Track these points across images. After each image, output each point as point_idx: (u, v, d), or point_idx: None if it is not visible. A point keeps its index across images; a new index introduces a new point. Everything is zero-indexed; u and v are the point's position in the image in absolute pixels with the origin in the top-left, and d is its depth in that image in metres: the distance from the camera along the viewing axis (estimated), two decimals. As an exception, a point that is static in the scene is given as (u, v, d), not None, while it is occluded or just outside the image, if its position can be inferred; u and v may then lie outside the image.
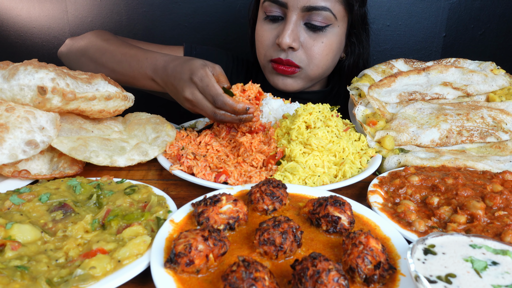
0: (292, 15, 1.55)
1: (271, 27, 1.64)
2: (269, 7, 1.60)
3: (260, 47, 1.69)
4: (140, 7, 2.44)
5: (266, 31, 1.65)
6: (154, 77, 1.42)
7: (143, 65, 1.46)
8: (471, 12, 2.41)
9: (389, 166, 1.23)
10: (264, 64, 1.73)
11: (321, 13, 1.54)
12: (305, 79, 1.70)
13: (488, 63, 1.63)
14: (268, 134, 1.29)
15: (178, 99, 1.34)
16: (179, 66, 1.31)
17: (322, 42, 1.60)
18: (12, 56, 1.72)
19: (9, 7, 2.47)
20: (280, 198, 0.91)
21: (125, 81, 1.53)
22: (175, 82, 1.30)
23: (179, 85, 1.28)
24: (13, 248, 0.73)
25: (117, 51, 1.57)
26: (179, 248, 0.69)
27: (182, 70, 1.28)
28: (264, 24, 1.66)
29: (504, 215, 0.87)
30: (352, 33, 1.73)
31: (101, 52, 1.59)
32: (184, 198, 1.05)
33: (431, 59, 1.88)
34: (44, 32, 2.52)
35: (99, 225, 0.85)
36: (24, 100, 1.11)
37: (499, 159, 1.20)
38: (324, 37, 1.60)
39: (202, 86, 1.21)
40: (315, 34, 1.59)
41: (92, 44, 1.65)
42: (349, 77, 1.80)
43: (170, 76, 1.33)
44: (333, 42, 1.63)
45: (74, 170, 1.15)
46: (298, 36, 1.58)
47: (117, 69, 1.54)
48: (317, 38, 1.59)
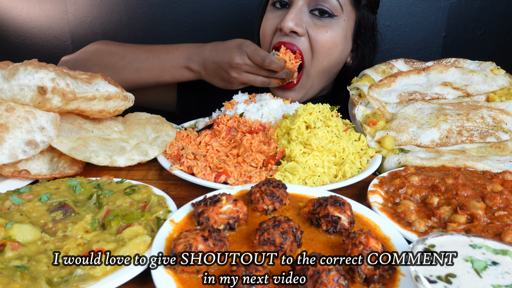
0: (298, 0, 1.54)
1: (276, 14, 1.62)
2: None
3: (263, 37, 1.66)
4: (140, 7, 2.44)
5: (269, 19, 1.63)
6: (189, 63, 1.54)
7: (174, 55, 1.56)
8: (471, 12, 2.41)
9: (389, 166, 1.23)
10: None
11: (328, 0, 1.53)
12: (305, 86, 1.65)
13: (488, 63, 1.63)
14: (268, 134, 1.29)
15: (218, 75, 1.51)
16: (220, 45, 1.51)
17: (326, 32, 1.55)
18: (12, 56, 1.72)
19: (9, 7, 2.47)
20: (280, 198, 0.91)
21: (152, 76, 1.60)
22: (218, 58, 1.47)
23: (226, 56, 1.45)
24: (13, 248, 0.73)
25: (138, 50, 1.63)
26: (179, 248, 0.69)
27: (226, 45, 1.47)
28: (269, 12, 1.65)
29: (504, 215, 0.87)
30: (360, 33, 1.69)
31: (120, 56, 1.63)
32: (184, 198, 1.05)
33: (431, 59, 1.88)
34: (44, 32, 2.52)
35: (99, 225, 0.85)
36: (24, 100, 1.11)
37: (499, 159, 1.20)
38: (329, 27, 1.55)
39: (251, 51, 1.41)
40: (320, 22, 1.55)
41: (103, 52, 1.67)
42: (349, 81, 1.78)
43: (210, 56, 1.50)
44: (338, 35, 1.58)
45: (74, 170, 1.14)
46: (302, 21, 1.54)
47: (142, 66, 1.59)
48: (322, 27, 1.55)
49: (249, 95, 1.53)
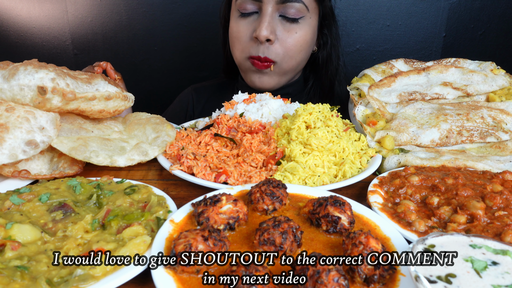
0: (268, 8, 1.60)
1: (246, 22, 1.68)
2: (244, 4, 1.64)
3: (237, 43, 1.72)
4: (140, 7, 2.44)
5: (241, 27, 1.69)
6: None
7: None
8: (471, 12, 2.41)
9: (389, 166, 1.23)
10: (241, 62, 1.75)
11: (295, 5, 1.61)
12: (280, 74, 1.74)
13: (488, 63, 1.63)
14: (268, 134, 1.28)
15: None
16: None
17: (296, 33, 1.65)
18: (12, 56, 1.72)
19: (9, 7, 2.47)
20: (280, 198, 0.91)
21: None
22: None
23: None
24: (13, 248, 0.73)
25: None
26: (179, 248, 0.69)
27: None
28: (239, 20, 1.70)
29: (504, 215, 0.87)
30: (324, 24, 1.80)
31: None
32: (184, 198, 1.05)
33: (431, 59, 1.88)
34: (44, 32, 2.52)
35: (99, 225, 0.84)
36: (24, 100, 1.11)
37: (499, 159, 1.20)
38: (298, 28, 1.65)
39: None
40: (290, 26, 1.64)
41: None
42: (324, 69, 1.86)
43: None
44: (307, 33, 1.68)
45: (74, 170, 1.14)
46: (275, 28, 1.63)
47: None
48: (291, 30, 1.65)
49: (249, 95, 1.53)
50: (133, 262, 0.73)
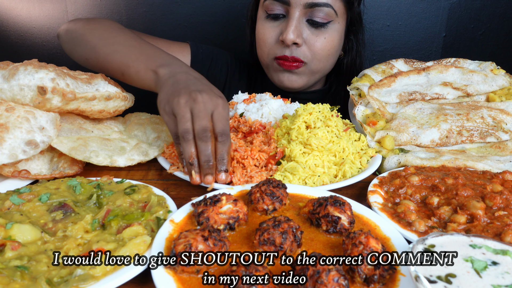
0: (295, 12, 1.58)
1: (273, 25, 1.66)
2: (271, 6, 1.62)
3: (263, 45, 1.70)
4: (140, 7, 2.44)
5: (268, 29, 1.67)
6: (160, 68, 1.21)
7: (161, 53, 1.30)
8: (471, 12, 2.41)
9: (389, 166, 1.23)
10: (267, 63, 1.74)
11: (323, 9, 1.58)
12: (309, 74, 1.72)
13: (488, 63, 1.63)
14: (268, 134, 1.28)
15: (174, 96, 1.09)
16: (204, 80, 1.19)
17: (324, 38, 1.64)
18: (12, 56, 1.72)
19: (9, 7, 2.46)
20: (280, 198, 0.91)
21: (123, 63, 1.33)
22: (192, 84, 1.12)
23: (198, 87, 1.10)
24: (13, 248, 0.73)
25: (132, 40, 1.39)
26: (179, 248, 0.69)
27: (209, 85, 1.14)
28: (265, 22, 1.68)
29: (504, 215, 0.87)
30: (351, 30, 1.77)
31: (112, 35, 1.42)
32: (184, 198, 1.05)
33: (431, 59, 1.88)
34: (44, 32, 2.52)
35: (99, 225, 0.84)
36: (24, 100, 1.11)
37: (499, 159, 1.20)
38: (326, 33, 1.63)
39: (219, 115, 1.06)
40: (317, 31, 1.63)
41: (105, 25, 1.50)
42: (347, 76, 1.82)
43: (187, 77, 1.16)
44: (334, 38, 1.66)
45: (74, 170, 1.14)
46: (302, 32, 1.61)
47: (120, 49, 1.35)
48: (319, 34, 1.63)
49: (249, 95, 1.53)
50: (133, 262, 0.73)
